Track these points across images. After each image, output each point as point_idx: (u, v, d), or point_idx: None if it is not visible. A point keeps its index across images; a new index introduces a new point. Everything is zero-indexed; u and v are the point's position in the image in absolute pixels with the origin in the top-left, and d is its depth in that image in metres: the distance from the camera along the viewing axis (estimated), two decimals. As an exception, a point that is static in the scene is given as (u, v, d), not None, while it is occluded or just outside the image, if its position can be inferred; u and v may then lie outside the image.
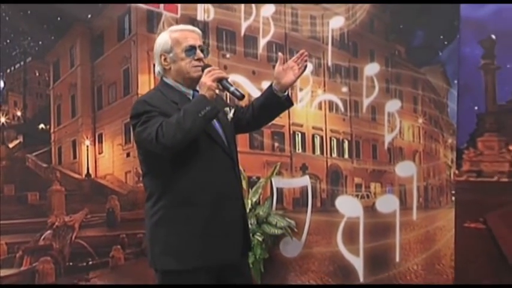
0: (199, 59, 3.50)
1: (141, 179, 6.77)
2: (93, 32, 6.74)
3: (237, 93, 3.38)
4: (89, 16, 6.66)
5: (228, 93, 3.47)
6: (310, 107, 7.13)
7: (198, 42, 3.53)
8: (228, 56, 6.98)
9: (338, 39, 7.15)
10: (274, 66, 6.55)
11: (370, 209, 6.89)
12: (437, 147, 7.00)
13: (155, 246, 3.48)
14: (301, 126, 7.20)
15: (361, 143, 7.22)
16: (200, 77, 3.41)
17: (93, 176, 6.73)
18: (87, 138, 6.73)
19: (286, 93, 3.68)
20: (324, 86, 7.19)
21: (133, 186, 6.78)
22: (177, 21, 6.69)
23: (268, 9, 7.07)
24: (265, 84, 6.78)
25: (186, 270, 3.41)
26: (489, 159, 6.70)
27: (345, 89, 7.15)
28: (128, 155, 6.78)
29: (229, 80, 3.42)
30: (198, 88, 3.46)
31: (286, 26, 7.13)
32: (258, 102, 3.76)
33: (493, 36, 6.60)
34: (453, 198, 6.73)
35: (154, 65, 6.35)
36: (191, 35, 3.54)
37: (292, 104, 3.77)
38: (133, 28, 6.80)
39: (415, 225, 6.78)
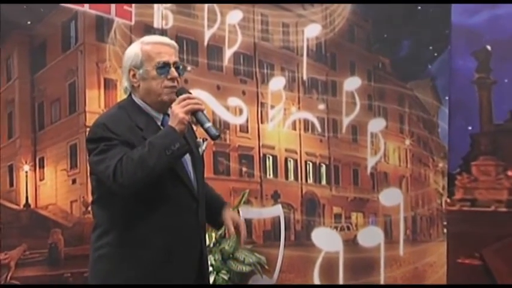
0: (172, 79, 3.42)
1: (89, 209, 6.71)
2: (34, 41, 6.56)
3: (213, 131, 3.30)
4: (29, 22, 6.46)
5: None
6: (283, 126, 7.13)
7: (173, 58, 3.46)
8: (189, 68, 6.86)
9: (314, 49, 7.19)
10: (241, 80, 6.48)
11: (351, 243, 6.96)
12: (427, 172, 7.12)
13: (93, 285, 3.50)
14: (273, 148, 7.20)
15: (341, 167, 7.25)
16: (172, 100, 3.35)
17: (32, 206, 6.54)
18: (26, 162, 6.52)
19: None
20: (298, 102, 7.21)
21: (79, 218, 6.60)
22: (131, 29, 6.66)
23: (235, 15, 7.06)
24: (231, 101, 6.90)
25: None
26: (485, 186, 6.79)
27: (322, 106, 7.20)
28: (74, 181, 6.64)
29: (205, 112, 3.34)
30: (169, 112, 3.38)
31: (256, 34, 7.14)
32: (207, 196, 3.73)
33: (488, 47, 6.71)
34: (445, 230, 6.86)
35: (105, 79, 6.75)
36: (166, 50, 3.47)
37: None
38: (81, 36, 6.67)
39: (402, 261, 6.88)
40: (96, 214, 3.52)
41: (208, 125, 3.29)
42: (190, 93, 3.41)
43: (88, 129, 6.59)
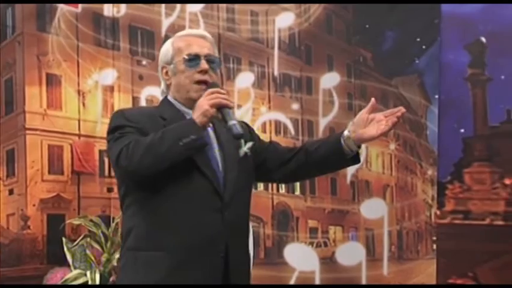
0: (202, 71, 3.58)
1: (28, 223, 6.88)
2: (-38, 30, 6.85)
3: (235, 130, 3.43)
4: (-44, 9, 6.85)
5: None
6: (252, 128, 7.11)
7: (205, 50, 3.66)
8: (144, 62, 7.26)
9: (287, 41, 7.24)
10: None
11: (328, 261, 6.97)
12: (414, 181, 7.08)
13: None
14: (240, 153, 7.31)
15: (317, 175, 7.23)
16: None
17: (-39, 221, 6.76)
18: (-47, 170, 6.82)
19: (356, 150, 3.71)
20: (269, 101, 7.31)
21: (17, 234, 6.72)
22: (77, 17, 6.96)
23: (197, 2, 7.30)
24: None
25: None
26: (479, 196, 6.74)
27: (295, 106, 7.24)
28: (11, 192, 6.83)
29: (232, 111, 3.49)
30: None
31: (220, 24, 7.27)
32: (318, 154, 3.77)
33: (483, 39, 6.66)
34: (434, 246, 6.80)
35: (47, 75, 7.15)
36: (197, 42, 3.69)
37: (358, 162, 3.82)
38: (18, 25, 6.93)
39: (386, 281, 6.82)
40: (122, 221, 3.73)
41: (231, 123, 3.43)
42: (222, 88, 3.59)
43: (27, 131, 6.85)
